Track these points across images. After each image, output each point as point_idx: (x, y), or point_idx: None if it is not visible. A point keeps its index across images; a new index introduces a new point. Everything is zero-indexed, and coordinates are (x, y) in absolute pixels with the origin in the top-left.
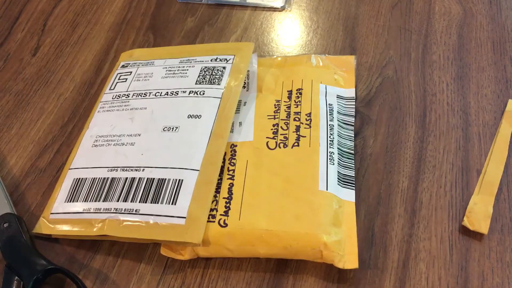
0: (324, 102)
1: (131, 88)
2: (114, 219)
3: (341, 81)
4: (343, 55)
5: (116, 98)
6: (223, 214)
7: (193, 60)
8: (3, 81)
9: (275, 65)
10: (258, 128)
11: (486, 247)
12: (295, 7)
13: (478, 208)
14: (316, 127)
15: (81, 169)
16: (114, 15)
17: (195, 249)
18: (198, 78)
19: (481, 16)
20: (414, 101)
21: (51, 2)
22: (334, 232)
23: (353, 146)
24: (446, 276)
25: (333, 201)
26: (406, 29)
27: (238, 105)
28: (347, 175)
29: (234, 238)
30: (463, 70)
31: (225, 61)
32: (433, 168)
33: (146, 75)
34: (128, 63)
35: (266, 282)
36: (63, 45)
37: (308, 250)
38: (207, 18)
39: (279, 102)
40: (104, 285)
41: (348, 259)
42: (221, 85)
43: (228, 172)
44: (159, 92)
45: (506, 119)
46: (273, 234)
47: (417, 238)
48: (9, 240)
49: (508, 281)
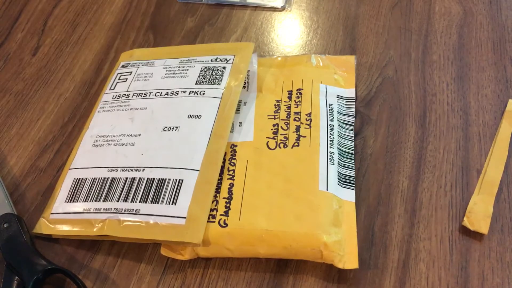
0: (324, 102)
1: (131, 88)
2: (114, 219)
3: (341, 81)
4: (343, 55)
5: (116, 98)
6: (223, 214)
7: (193, 60)
8: (3, 81)
9: (275, 65)
10: (258, 128)
11: (486, 247)
12: (295, 7)
13: (478, 208)
14: (316, 127)
15: (81, 169)
16: (114, 15)
17: (195, 249)
18: (198, 78)
19: (481, 16)
20: (414, 101)
21: (51, 2)
22: (334, 232)
23: (353, 146)
24: (446, 276)
25: (333, 201)
26: (406, 29)
27: (238, 105)
28: (347, 175)
29: (234, 238)
30: (463, 70)
31: (225, 61)
32: (433, 168)
33: (146, 75)
34: (128, 63)
35: (266, 282)
36: (63, 45)
37: (308, 250)
38: (207, 18)
39: (279, 102)
40: (104, 285)
41: (348, 259)
42: (221, 85)
43: (228, 172)
44: (159, 92)
45: (506, 119)
46: (273, 234)
47: (417, 238)
48: (9, 240)
49: (508, 281)
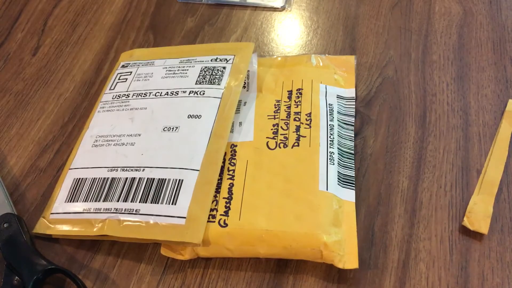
0: (324, 102)
1: (131, 88)
2: (114, 219)
3: (341, 81)
4: (343, 55)
5: (116, 98)
6: (223, 214)
7: (193, 60)
8: (3, 81)
9: (275, 65)
10: (258, 128)
11: (486, 247)
12: (295, 7)
13: (478, 208)
14: (316, 127)
15: (81, 169)
16: (114, 15)
17: (195, 249)
18: (198, 78)
19: (481, 16)
20: (414, 101)
21: (51, 2)
22: (334, 232)
23: (353, 146)
24: (446, 276)
25: (333, 201)
26: (406, 29)
27: (238, 105)
28: (347, 175)
29: (234, 238)
30: (463, 70)
31: (225, 61)
32: (433, 168)
33: (146, 75)
34: (128, 63)
35: (266, 282)
36: (63, 45)
37: (308, 250)
38: (207, 18)
39: (279, 102)
40: (104, 285)
41: (348, 259)
42: (221, 85)
43: (228, 172)
44: (159, 92)
45: (506, 119)
46: (273, 234)
47: (417, 238)
48: (9, 240)
49: (508, 281)
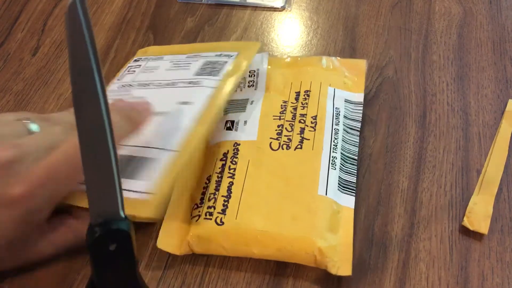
0: (331, 105)
1: (137, 79)
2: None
3: (350, 85)
4: (354, 59)
5: (121, 88)
6: (220, 212)
7: (199, 55)
8: (3, 81)
9: (285, 65)
10: (263, 127)
11: (486, 247)
12: (295, 7)
13: (478, 208)
14: (321, 131)
15: None
16: (114, 15)
17: (190, 245)
18: (199, 71)
19: (481, 16)
20: (414, 101)
21: (51, 2)
22: (329, 237)
23: (357, 152)
24: (446, 276)
25: (331, 206)
26: (406, 29)
27: (245, 103)
28: (348, 180)
29: (229, 236)
30: (463, 70)
31: (228, 56)
32: (433, 168)
33: (153, 68)
34: (141, 58)
35: (266, 283)
36: (63, 45)
37: (302, 253)
38: (207, 18)
39: (286, 103)
40: None
41: (341, 266)
42: (218, 77)
43: (229, 170)
44: (160, 83)
45: (506, 119)
46: (268, 235)
47: (417, 238)
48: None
49: (508, 281)
